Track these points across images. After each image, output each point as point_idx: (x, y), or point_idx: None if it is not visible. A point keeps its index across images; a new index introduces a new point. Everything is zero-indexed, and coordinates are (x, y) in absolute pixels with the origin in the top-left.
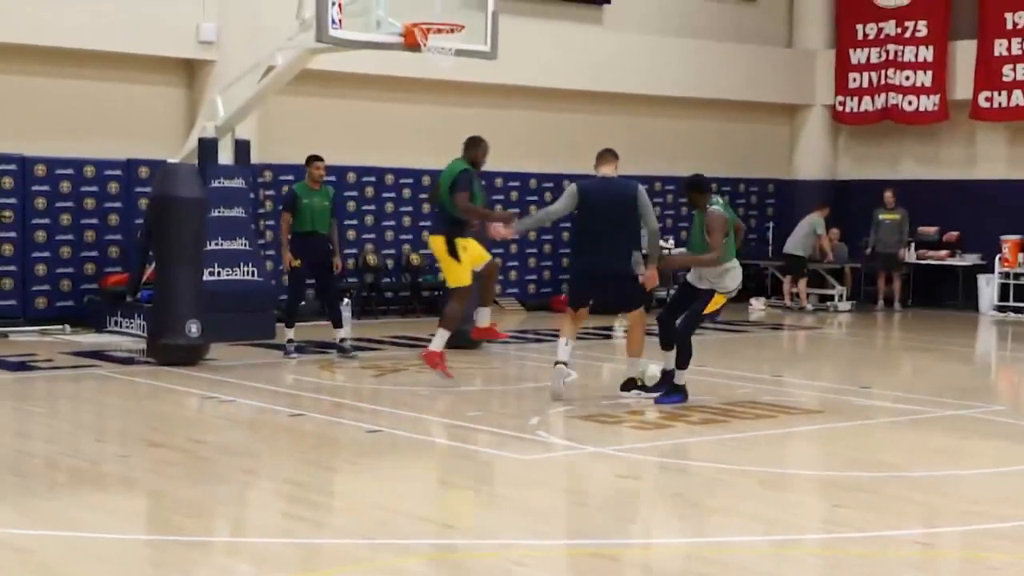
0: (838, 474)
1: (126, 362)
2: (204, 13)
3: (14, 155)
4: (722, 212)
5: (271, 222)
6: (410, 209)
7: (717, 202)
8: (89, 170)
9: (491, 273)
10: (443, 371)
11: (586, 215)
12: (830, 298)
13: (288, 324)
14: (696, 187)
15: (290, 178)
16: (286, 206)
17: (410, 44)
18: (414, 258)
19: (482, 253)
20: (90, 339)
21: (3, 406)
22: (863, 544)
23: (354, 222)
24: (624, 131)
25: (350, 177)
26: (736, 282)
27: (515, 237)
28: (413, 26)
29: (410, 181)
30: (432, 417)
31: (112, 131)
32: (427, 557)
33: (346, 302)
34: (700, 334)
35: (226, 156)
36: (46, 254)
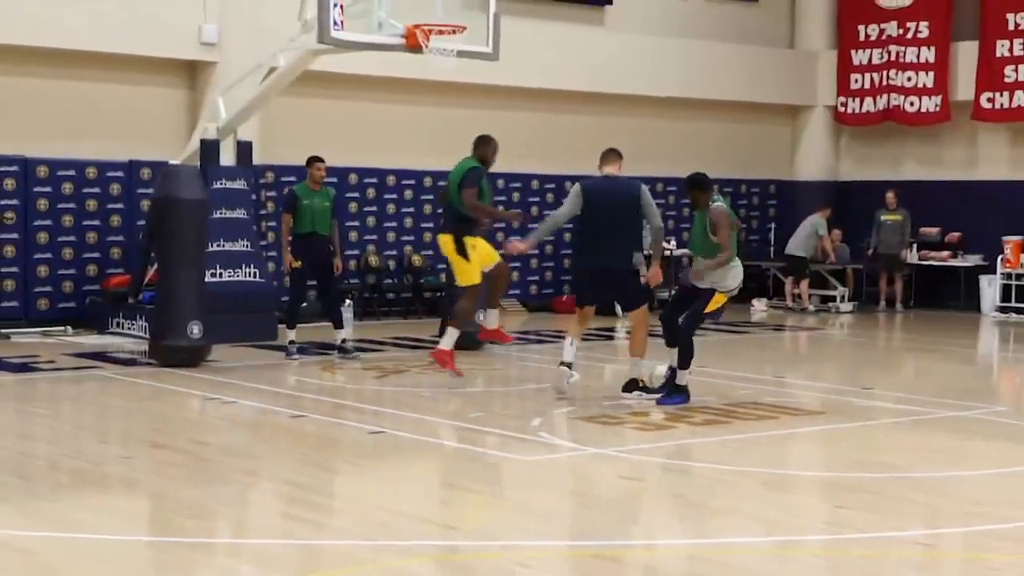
0: (840, 475)
1: (128, 363)
2: (206, 14)
3: (16, 157)
4: (725, 208)
5: (273, 223)
6: (411, 210)
7: (718, 199)
8: (91, 171)
9: (501, 275)
10: (453, 370)
11: (589, 213)
12: (832, 299)
13: (289, 325)
14: (697, 185)
15: (292, 179)
16: (286, 207)
17: (412, 45)
18: (416, 259)
19: (491, 253)
20: (92, 340)
21: (5, 408)
22: (865, 545)
23: (356, 223)
24: (626, 132)
25: (352, 178)
26: (737, 280)
27: (532, 251)
28: (415, 27)
29: (411, 182)
30: (434, 418)
31: (114, 132)
32: (429, 558)
33: (348, 303)
34: (702, 335)
35: (228, 157)
36: (48, 255)
